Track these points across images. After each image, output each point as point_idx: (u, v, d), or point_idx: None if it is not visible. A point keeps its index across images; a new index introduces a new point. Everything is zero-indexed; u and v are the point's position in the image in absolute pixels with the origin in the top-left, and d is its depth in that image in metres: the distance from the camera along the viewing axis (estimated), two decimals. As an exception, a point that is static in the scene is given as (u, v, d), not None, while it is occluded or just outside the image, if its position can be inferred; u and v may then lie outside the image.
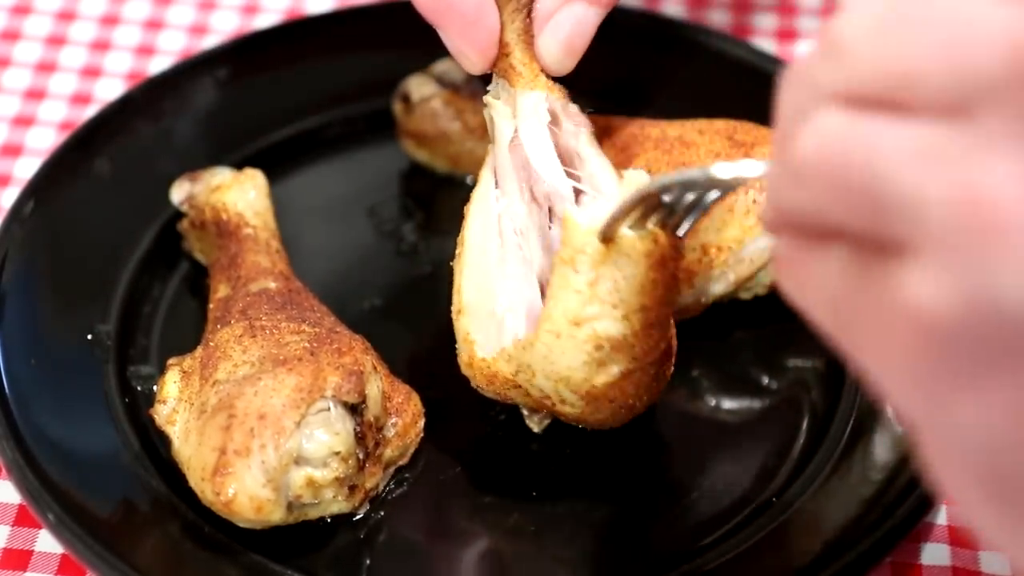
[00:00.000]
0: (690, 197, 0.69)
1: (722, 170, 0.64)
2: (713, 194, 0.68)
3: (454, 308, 0.83)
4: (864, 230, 0.51)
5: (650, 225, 0.74)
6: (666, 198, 0.70)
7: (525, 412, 0.86)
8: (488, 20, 0.85)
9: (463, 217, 0.85)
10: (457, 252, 0.84)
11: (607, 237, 0.74)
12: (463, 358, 0.83)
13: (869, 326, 0.52)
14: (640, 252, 0.74)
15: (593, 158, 0.84)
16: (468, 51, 0.86)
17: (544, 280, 0.82)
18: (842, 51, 0.52)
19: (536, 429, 0.86)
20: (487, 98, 0.87)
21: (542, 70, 0.86)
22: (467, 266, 0.84)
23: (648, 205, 0.72)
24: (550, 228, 0.83)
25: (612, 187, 0.82)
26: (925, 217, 0.49)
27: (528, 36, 0.86)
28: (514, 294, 0.82)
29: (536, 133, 0.85)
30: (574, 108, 0.87)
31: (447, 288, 0.85)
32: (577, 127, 0.85)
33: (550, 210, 0.84)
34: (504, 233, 0.84)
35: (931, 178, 0.49)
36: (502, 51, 0.86)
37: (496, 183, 0.85)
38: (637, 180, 0.76)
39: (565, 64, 0.86)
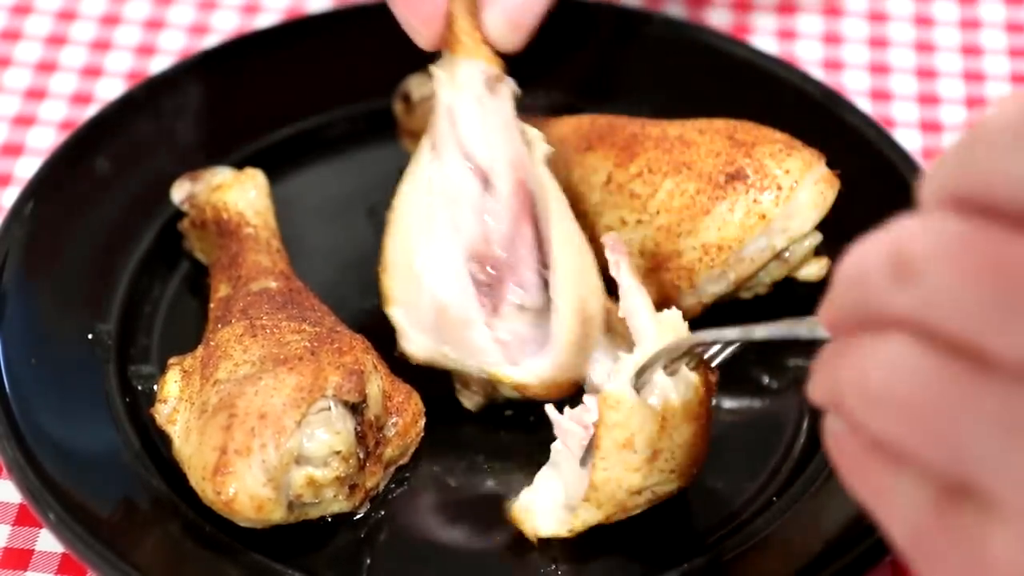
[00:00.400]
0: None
1: (760, 331, 0.68)
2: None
3: (380, 266, 0.87)
4: (944, 470, 0.51)
5: (684, 367, 0.78)
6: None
7: (458, 387, 0.88)
8: None
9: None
10: (388, 214, 0.87)
11: (639, 384, 0.77)
12: (386, 310, 0.86)
13: (951, 565, 0.51)
14: (689, 414, 0.78)
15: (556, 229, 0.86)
16: (415, 23, 0.87)
17: (474, 249, 0.85)
18: (917, 275, 0.50)
19: (469, 406, 0.88)
20: (432, 67, 0.89)
21: (486, 43, 0.87)
22: (394, 227, 0.87)
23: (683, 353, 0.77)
24: (484, 193, 0.86)
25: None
26: (1013, 482, 0.48)
27: (473, 7, 0.87)
28: (436, 254, 0.85)
29: (468, 103, 0.87)
30: (509, 82, 0.88)
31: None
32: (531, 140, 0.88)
33: (485, 179, 0.86)
34: (434, 195, 0.86)
35: (1020, 451, 0.48)
36: (447, 21, 0.87)
37: (433, 147, 0.87)
38: (673, 325, 0.80)
39: (512, 39, 0.87)
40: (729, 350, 0.78)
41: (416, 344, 0.86)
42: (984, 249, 0.49)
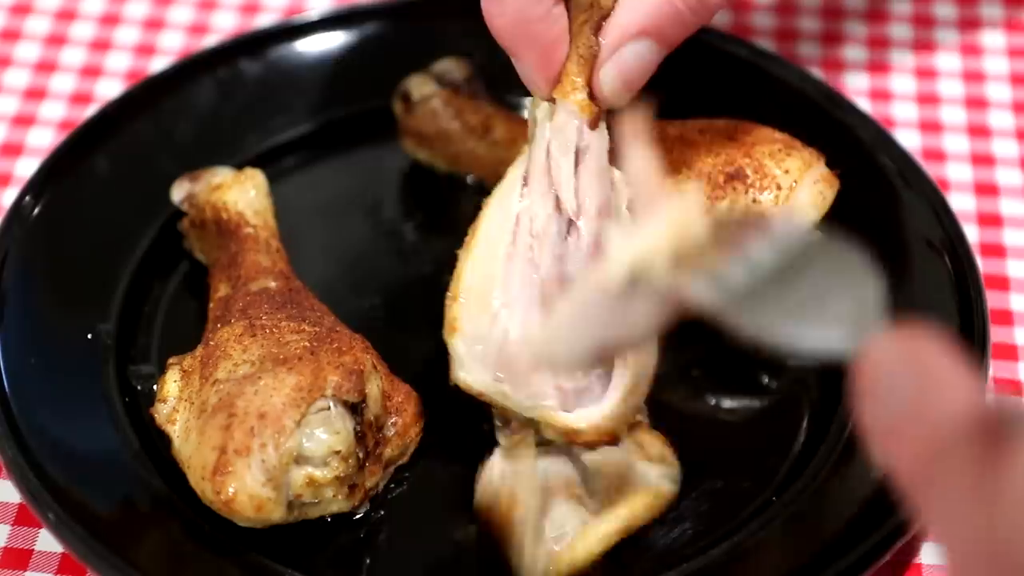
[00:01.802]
0: None
1: None
2: None
3: (450, 294, 0.82)
4: None
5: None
6: None
7: (498, 424, 0.84)
8: (562, 51, 0.83)
9: (476, 210, 0.84)
10: (466, 240, 0.83)
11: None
12: (448, 338, 0.82)
13: None
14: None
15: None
16: (539, 80, 0.84)
17: (544, 288, 0.81)
18: None
19: (505, 444, 0.84)
20: (530, 99, 0.85)
21: (591, 96, 0.84)
22: (473, 256, 0.83)
23: None
24: (567, 238, 0.82)
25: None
26: None
27: (587, 52, 0.83)
28: (514, 291, 0.82)
29: (565, 145, 0.83)
30: (604, 130, 0.84)
31: (447, 287, 0.85)
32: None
33: (570, 222, 0.82)
34: (519, 232, 0.83)
35: None
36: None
37: (525, 181, 0.84)
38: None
39: (621, 98, 0.84)
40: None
41: (474, 376, 0.82)
42: None
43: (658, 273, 0.64)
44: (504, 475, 0.83)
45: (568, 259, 0.82)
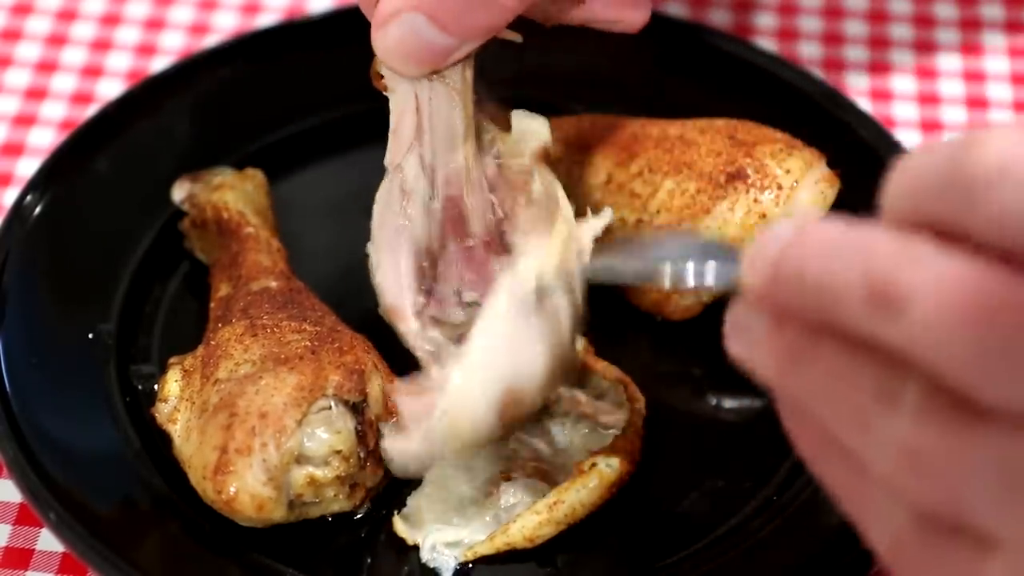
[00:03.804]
0: None
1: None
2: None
3: None
4: (935, 509, 0.51)
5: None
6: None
7: None
8: None
9: None
10: None
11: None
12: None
13: None
14: (605, 484, 0.82)
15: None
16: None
17: (423, 245, 0.85)
18: (902, 309, 0.49)
19: None
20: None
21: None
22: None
23: None
24: (431, 199, 0.86)
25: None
26: (1012, 525, 0.49)
27: None
28: (388, 240, 0.85)
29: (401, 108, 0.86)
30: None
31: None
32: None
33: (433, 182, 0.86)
34: (393, 185, 0.86)
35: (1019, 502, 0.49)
36: None
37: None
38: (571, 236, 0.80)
39: (407, 67, 0.84)
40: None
41: (383, 309, 0.85)
42: (984, 292, 0.48)
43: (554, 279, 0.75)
44: None
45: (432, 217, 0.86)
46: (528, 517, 0.82)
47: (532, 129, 0.86)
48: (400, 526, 0.83)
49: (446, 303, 0.86)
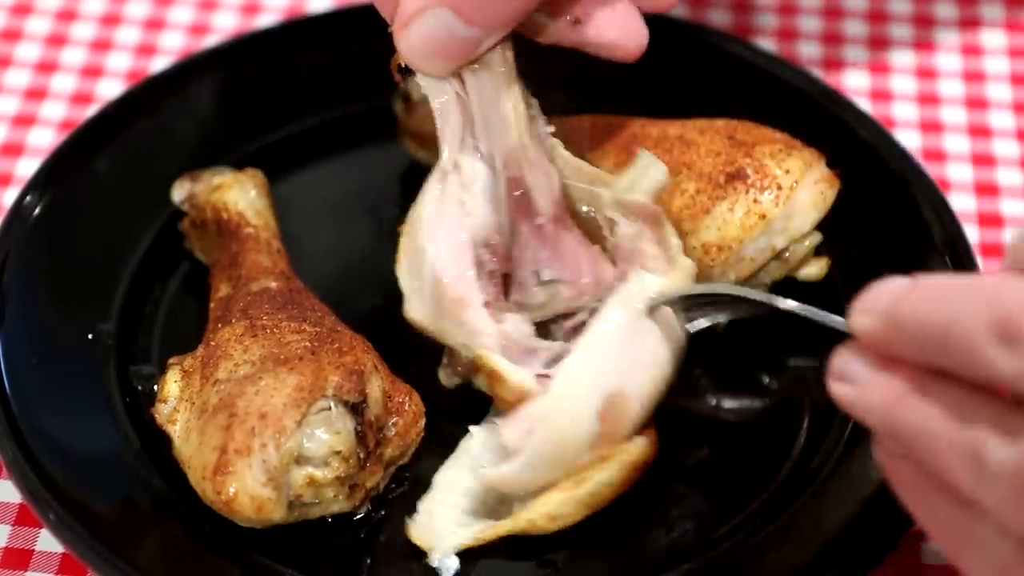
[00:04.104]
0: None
1: (788, 304, 0.74)
2: None
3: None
4: None
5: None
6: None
7: (444, 360, 0.88)
8: None
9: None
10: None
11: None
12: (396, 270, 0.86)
13: None
14: (628, 464, 0.82)
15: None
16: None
17: (484, 235, 0.85)
18: None
19: (445, 381, 0.88)
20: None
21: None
22: (414, 206, 0.86)
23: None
24: (497, 187, 0.86)
25: None
26: None
27: None
28: (442, 231, 0.85)
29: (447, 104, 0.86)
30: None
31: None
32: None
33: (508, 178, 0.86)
34: (447, 182, 0.86)
35: None
36: None
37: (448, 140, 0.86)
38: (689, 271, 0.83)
39: (432, 65, 0.83)
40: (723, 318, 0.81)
41: (418, 312, 0.85)
42: None
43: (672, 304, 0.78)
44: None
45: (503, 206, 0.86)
46: (551, 495, 0.81)
47: (653, 170, 0.86)
48: (415, 533, 0.83)
49: (526, 286, 0.86)
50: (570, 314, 0.86)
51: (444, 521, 0.83)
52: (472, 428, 0.86)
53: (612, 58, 0.86)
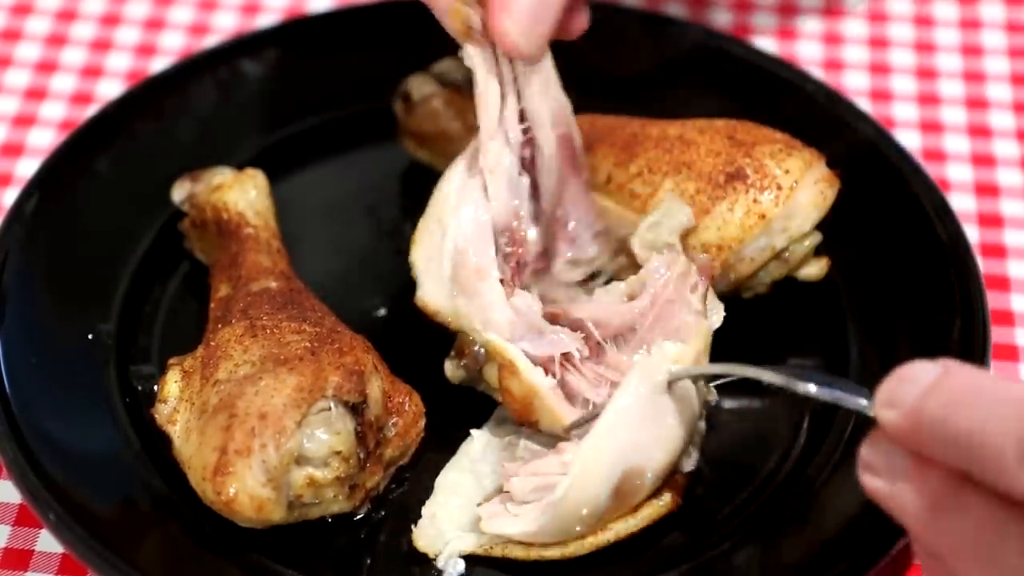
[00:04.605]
0: None
1: (808, 388, 0.72)
2: None
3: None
4: None
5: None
6: None
7: (452, 353, 0.88)
8: None
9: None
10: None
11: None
12: (410, 255, 0.88)
13: None
14: (653, 517, 0.83)
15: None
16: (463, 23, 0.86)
17: (504, 222, 0.88)
18: None
19: (450, 376, 0.88)
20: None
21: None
22: (435, 193, 0.89)
23: None
24: (520, 175, 0.88)
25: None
26: None
27: None
28: (466, 210, 0.87)
29: (504, 80, 0.88)
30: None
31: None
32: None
33: (527, 154, 0.89)
34: (473, 169, 0.88)
35: None
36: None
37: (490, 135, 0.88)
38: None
39: (531, 42, 0.84)
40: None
41: (430, 292, 0.87)
42: None
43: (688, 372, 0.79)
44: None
45: (539, 173, 0.89)
46: (572, 544, 0.81)
47: (679, 212, 0.88)
48: (420, 539, 0.82)
49: (580, 240, 0.90)
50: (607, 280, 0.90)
51: (448, 524, 0.83)
52: (473, 432, 0.87)
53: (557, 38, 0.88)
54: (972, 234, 1.01)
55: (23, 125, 1.10)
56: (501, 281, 0.86)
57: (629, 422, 0.79)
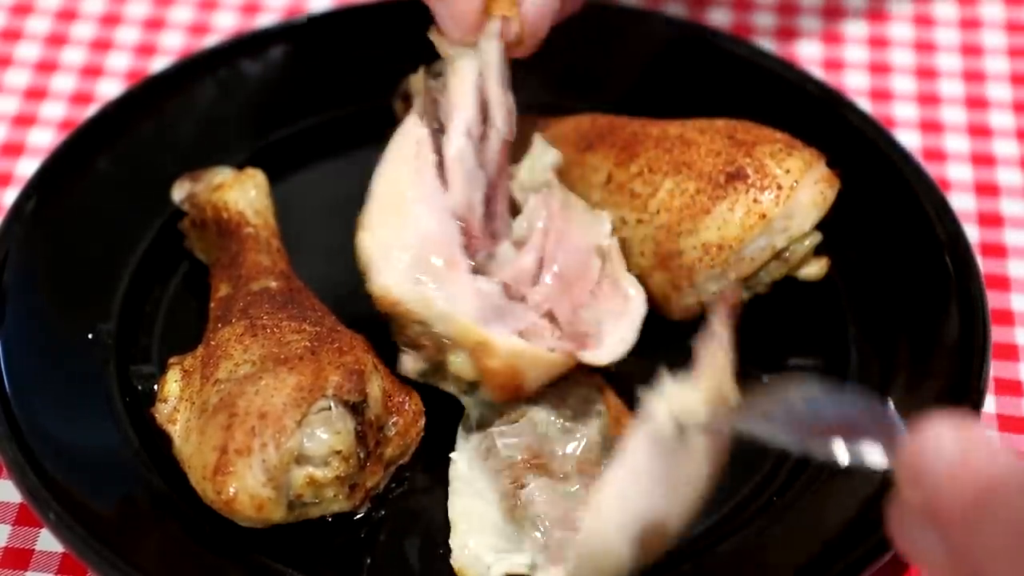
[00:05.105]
0: None
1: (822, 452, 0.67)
2: None
3: (360, 225, 0.87)
4: None
5: None
6: None
7: (403, 347, 0.86)
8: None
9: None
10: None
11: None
12: (361, 241, 0.86)
13: None
14: None
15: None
16: (468, 23, 0.88)
17: (460, 211, 0.87)
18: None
19: (409, 369, 0.86)
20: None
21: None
22: (380, 179, 0.89)
23: None
24: (478, 168, 0.89)
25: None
26: None
27: None
28: (425, 196, 0.87)
29: (495, 72, 0.89)
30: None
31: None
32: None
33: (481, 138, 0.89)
34: (422, 157, 0.88)
35: None
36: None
37: (422, 116, 0.90)
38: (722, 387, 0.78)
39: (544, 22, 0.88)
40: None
41: (392, 281, 0.84)
42: None
43: (698, 419, 0.74)
44: None
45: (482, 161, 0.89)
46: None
47: (547, 152, 0.90)
48: (466, 570, 0.82)
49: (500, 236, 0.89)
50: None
51: (484, 549, 0.83)
52: (452, 455, 0.87)
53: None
54: (972, 234, 1.01)
55: (23, 125, 1.10)
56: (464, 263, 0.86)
57: (637, 482, 0.75)
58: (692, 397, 0.76)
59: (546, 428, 0.86)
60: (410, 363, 0.86)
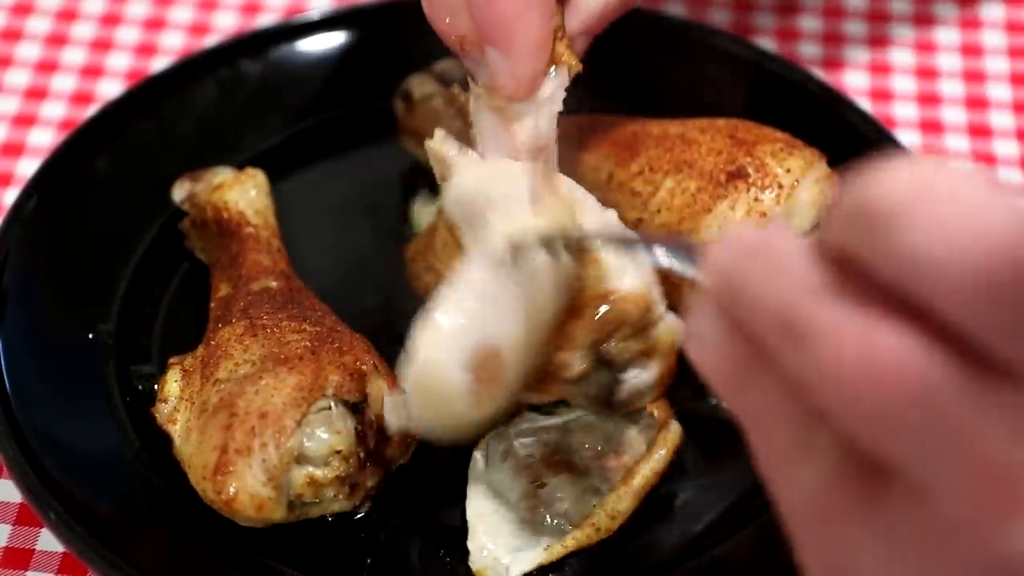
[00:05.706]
0: None
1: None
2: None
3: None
4: (870, 450, 0.48)
5: None
6: None
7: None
8: (548, 38, 0.81)
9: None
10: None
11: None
12: None
13: (855, 545, 0.50)
14: (671, 448, 0.85)
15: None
16: (529, 73, 0.81)
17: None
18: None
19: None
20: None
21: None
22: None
23: None
24: None
25: None
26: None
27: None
28: None
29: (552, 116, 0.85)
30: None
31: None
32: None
33: None
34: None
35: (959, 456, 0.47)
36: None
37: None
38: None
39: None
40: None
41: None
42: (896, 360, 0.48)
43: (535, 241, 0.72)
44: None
45: None
46: (608, 496, 0.83)
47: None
48: (485, 572, 0.82)
49: None
50: None
51: (502, 550, 0.83)
52: (476, 453, 0.86)
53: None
54: (972, 234, 1.01)
55: (23, 125, 1.10)
56: None
57: (465, 306, 0.73)
58: (530, 222, 0.75)
59: (564, 424, 0.86)
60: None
